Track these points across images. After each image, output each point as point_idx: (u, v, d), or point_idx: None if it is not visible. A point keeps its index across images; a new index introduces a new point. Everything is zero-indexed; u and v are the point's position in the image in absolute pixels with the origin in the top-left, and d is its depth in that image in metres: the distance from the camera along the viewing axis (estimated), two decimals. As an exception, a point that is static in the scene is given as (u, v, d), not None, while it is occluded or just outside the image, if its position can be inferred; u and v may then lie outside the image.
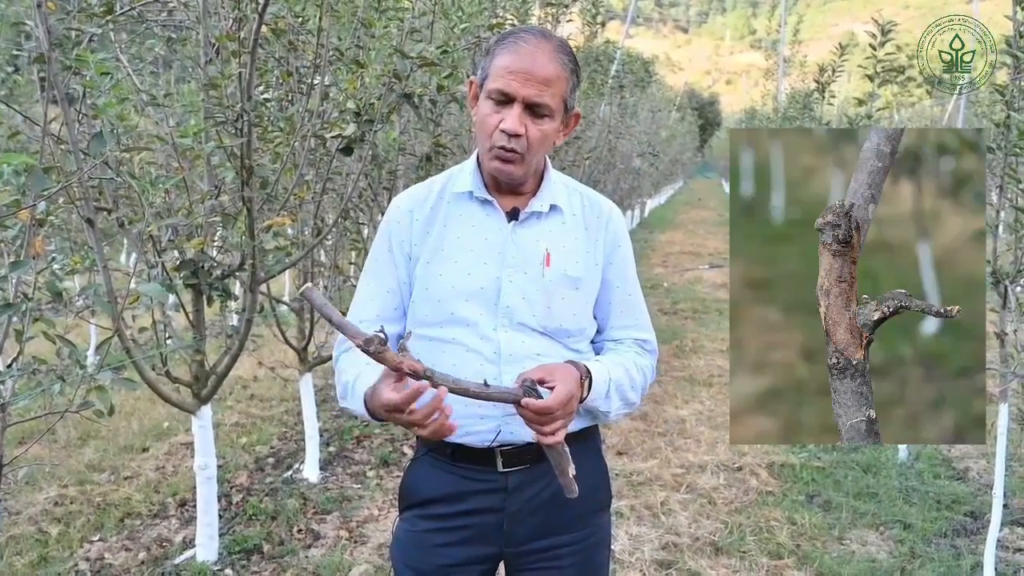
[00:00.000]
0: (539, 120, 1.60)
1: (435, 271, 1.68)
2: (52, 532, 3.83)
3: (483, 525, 1.70)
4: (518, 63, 1.57)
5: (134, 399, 5.80)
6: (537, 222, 1.71)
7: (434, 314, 1.67)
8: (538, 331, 1.66)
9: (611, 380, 1.64)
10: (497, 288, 1.65)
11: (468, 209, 1.72)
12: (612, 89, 10.29)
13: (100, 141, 2.46)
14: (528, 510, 1.70)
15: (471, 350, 1.64)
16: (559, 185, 1.77)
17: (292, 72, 3.69)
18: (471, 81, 1.72)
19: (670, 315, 9.56)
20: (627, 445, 5.06)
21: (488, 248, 1.68)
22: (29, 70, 4.54)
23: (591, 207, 1.78)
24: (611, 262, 1.77)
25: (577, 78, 1.68)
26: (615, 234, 1.78)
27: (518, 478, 1.69)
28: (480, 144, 1.67)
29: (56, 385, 2.48)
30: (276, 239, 3.35)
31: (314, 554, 3.65)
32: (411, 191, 1.80)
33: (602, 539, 1.81)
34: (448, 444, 1.68)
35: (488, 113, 1.61)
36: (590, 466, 1.76)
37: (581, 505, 1.69)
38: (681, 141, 26.40)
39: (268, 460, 4.83)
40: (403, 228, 1.74)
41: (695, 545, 3.76)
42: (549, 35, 1.64)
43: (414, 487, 1.77)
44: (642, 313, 1.83)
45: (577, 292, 1.70)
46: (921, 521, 3.93)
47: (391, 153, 3.96)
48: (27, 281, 2.41)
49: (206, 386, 3.39)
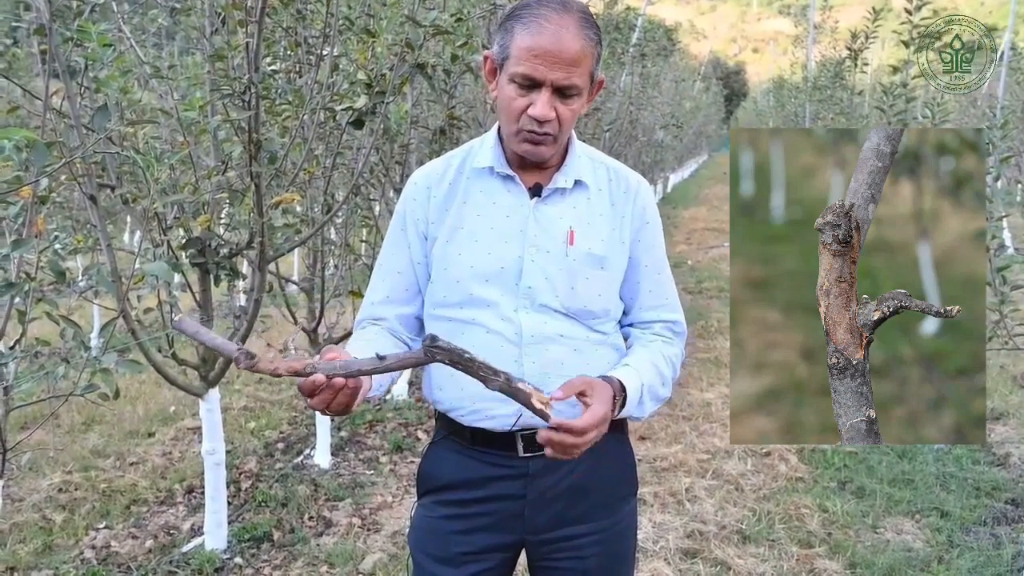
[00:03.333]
0: (568, 100, 1.53)
1: (454, 251, 1.62)
2: (56, 519, 3.78)
3: (503, 512, 1.64)
4: (543, 44, 1.47)
5: (139, 382, 5.74)
6: (561, 198, 1.64)
7: (453, 295, 1.62)
8: (561, 312, 1.59)
9: (643, 386, 1.57)
10: (519, 268, 1.59)
11: (489, 185, 1.65)
12: (633, 58, 10.06)
13: (103, 115, 2.40)
14: (550, 497, 1.64)
15: (492, 331, 1.59)
16: (584, 158, 1.69)
17: (301, 42, 3.61)
18: (487, 56, 1.62)
19: (695, 294, 9.39)
20: (650, 430, 4.95)
21: (509, 226, 1.61)
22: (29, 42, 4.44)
23: (618, 181, 1.69)
24: (638, 239, 1.68)
25: (601, 47, 1.58)
26: (643, 210, 1.69)
27: (539, 464, 1.61)
28: (505, 126, 1.59)
29: (60, 368, 2.45)
30: (285, 216, 3.30)
31: (326, 542, 3.57)
32: (428, 167, 1.73)
33: (627, 528, 1.75)
34: (467, 428, 1.64)
35: (513, 97, 1.53)
36: (617, 452, 1.72)
37: (606, 493, 1.68)
38: (706, 113, 26.09)
39: (278, 445, 4.76)
40: (419, 206, 1.68)
41: (721, 533, 3.64)
42: (569, 5, 1.51)
43: (432, 472, 1.73)
44: (671, 292, 1.74)
45: (602, 271, 1.62)
46: (959, 509, 3.80)
47: (403, 126, 3.87)
48: (29, 261, 2.39)
49: (213, 368, 3.34)
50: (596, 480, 1.66)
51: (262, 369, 1.29)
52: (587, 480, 1.65)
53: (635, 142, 12.04)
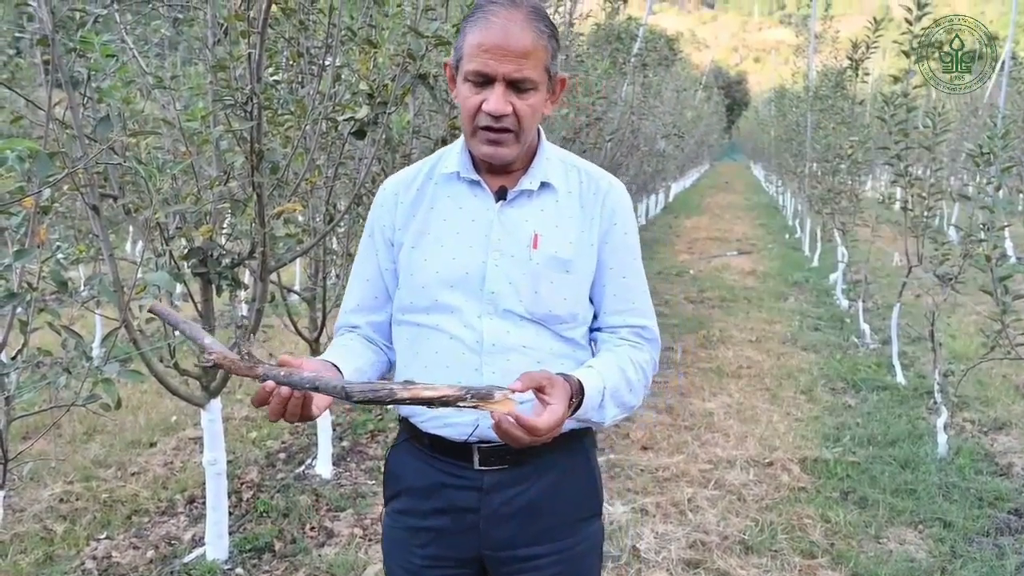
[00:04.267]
0: (524, 95, 1.51)
1: (420, 256, 1.62)
2: (58, 530, 3.76)
3: (459, 524, 1.63)
4: (491, 39, 1.48)
5: (141, 392, 5.72)
6: (527, 201, 1.62)
7: (419, 300, 1.61)
8: (526, 318, 1.57)
9: (605, 388, 1.52)
10: (482, 273, 1.58)
11: (456, 190, 1.64)
12: (635, 68, 10.08)
13: (106, 126, 2.40)
14: (505, 513, 1.61)
15: (454, 338, 1.57)
16: (554, 161, 1.67)
17: (303, 53, 3.61)
18: (446, 64, 1.63)
19: (696, 303, 9.38)
20: (652, 439, 4.93)
21: (474, 231, 1.60)
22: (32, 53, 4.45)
23: (589, 183, 1.67)
24: (606, 241, 1.65)
25: (556, 42, 1.57)
26: (612, 211, 1.66)
27: (494, 478, 1.60)
28: (465, 128, 1.58)
29: (62, 378, 2.44)
30: (287, 226, 3.29)
31: (327, 552, 3.56)
32: (400, 173, 1.74)
33: (590, 549, 1.71)
34: (425, 434, 1.62)
35: (468, 96, 1.52)
36: (580, 472, 1.69)
37: (568, 512, 1.65)
38: (707, 122, 26.07)
39: (279, 455, 4.74)
40: (386, 212, 1.69)
41: (724, 544, 3.63)
42: (519, 1, 1.52)
43: (395, 473, 1.73)
44: (640, 297, 1.70)
45: (568, 275, 1.60)
46: (962, 519, 3.79)
47: (405, 136, 3.86)
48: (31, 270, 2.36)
49: (215, 379, 3.32)
50: (556, 499, 1.63)
51: (221, 364, 1.31)
52: (546, 499, 1.62)
53: (637, 152, 12.04)
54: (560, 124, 6.19)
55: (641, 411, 5.37)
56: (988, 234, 3.55)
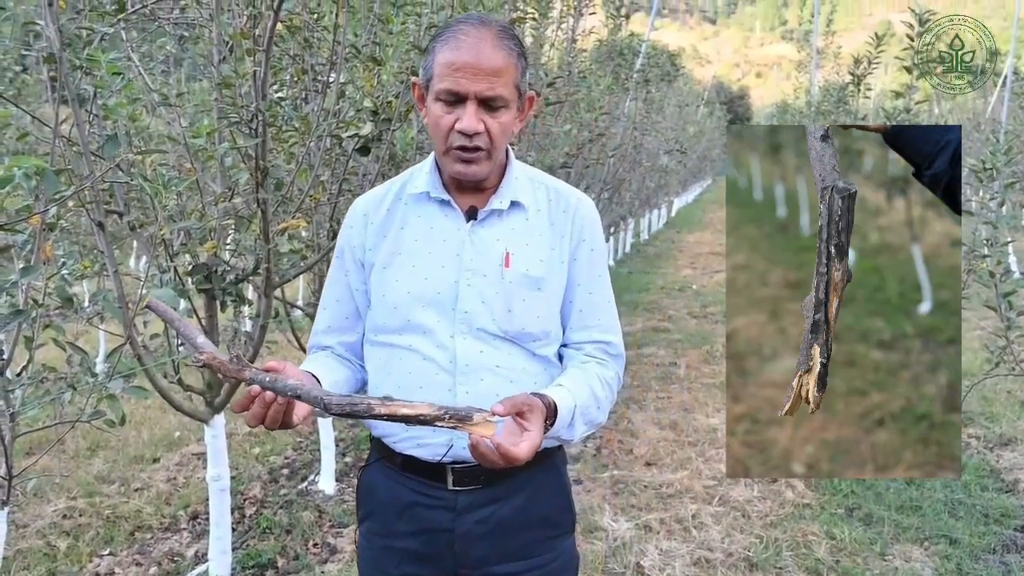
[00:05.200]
0: (495, 113, 1.53)
1: (391, 276, 1.62)
2: (61, 546, 3.76)
3: (433, 544, 1.63)
4: (462, 58, 1.49)
5: (144, 408, 5.72)
6: (498, 220, 1.63)
7: (391, 321, 1.61)
8: (499, 336, 1.58)
9: (576, 408, 1.53)
10: (455, 293, 1.58)
11: (426, 210, 1.65)
12: (637, 84, 10.13)
13: (113, 144, 2.41)
14: (479, 533, 1.62)
15: (427, 358, 1.58)
16: (523, 180, 1.68)
17: (307, 70, 3.61)
18: (414, 83, 1.63)
19: (700, 319, 9.35)
20: (656, 455, 4.92)
21: (446, 251, 1.61)
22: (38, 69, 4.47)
23: (558, 201, 1.68)
24: (575, 258, 1.66)
25: (525, 60, 1.59)
26: (580, 227, 1.67)
27: (468, 499, 1.61)
28: (437, 147, 1.59)
29: (66, 394, 2.43)
30: (291, 242, 3.29)
31: (330, 569, 3.55)
32: (370, 193, 1.74)
33: (566, 564, 1.72)
34: (398, 454, 1.63)
35: (440, 115, 1.53)
36: (552, 489, 1.70)
37: (541, 530, 1.66)
38: (709, 137, 26.06)
39: (282, 471, 4.73)
40: (356, 233, 1.69)
41: (728, 561, 3.61)
42: (488, 21, 1.55)
43: (368, 493, 1.74)
44: (605, 313, 1.71)
45: (539, 293, 1.61)
46: (968, 536, 3.77)
47: (409, 153, 3.87)
48: (36, 287, 2.36)
49: (219, 394, 3.32)
50: (530, 517, 1.64)
51: (210, 364, 1.33)
52: (521, 516, 1.63)
53: (639, 167, 12.07)
54: (563, 140, 6.20)
55: (645, 427, 5.36)
56: (992, 249, 3.55)
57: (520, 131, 1.85)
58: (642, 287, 11.50)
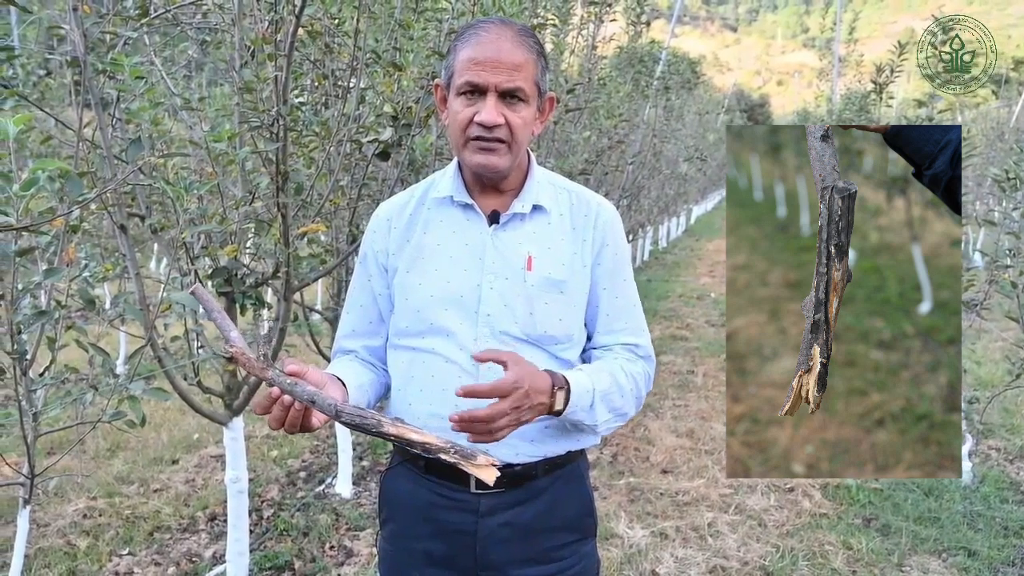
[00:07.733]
0: (516, 107, 1.54)
1: (414, 280, 1.63)
2: (81, 545, 3.79)
3: (455, 547, 1.63)
4: (483, 53, 1.51)
5: (164, 410, 5.76)
6: (520, 224, 1.64)
7: (414, 324, 1.62)
8: (522, 339, 1.59)
9: (595, 390, 1.53)
10: (477, 296, 1.59)
11: (449, 214, 1.66)
12: (657, 91, 10.12)
13: (136, 147, 2.43)
14: (502, 536, 1.62)
15: (450, 361, 1.58)
16: (545, 184, 1.70)
17: (328, 75, 3.63)
18: (436, 85, 1.65)
19: (718, 327, 9.33)
20: (672, 463, 4.90)
21: (468, 254, 1.62)
22: (62, 73, 4.52)
23: (579, 205, 1.70)
24: (599, 263, 1.68)
25: (545, 60, 1.61)
26: (603, 232, 1.68)
27: (491, 502, 1.61)
28: (455, 142, 1.60)
29: (88, 394, 2.45)
30: (310, 246, 3.31)
31: (347, 572, 3.56)
32: (393, 199, 1.76)
33: (586, 569, 1.72)
34: (422, 456, 1.59)
35: (459, 109, 1.54)
36: (574, 494, 1.70)
37: (562, 535, 1.67)
38: (730, 145, 26.01)
39: (300, 474, 4.75)
40: (379, 238, 1.70)
41: (744, 569, 3.59)
42: (508, 21, 1.57)
43: (390, 496, 1.73)
44: (633, 317, 1.72)
45: (562, 296, 1.61)
46: (987, 548, 3.73)
47: (428, 158, 3.88)
48: (59, 288, 2.38)
49: (238, 397, 3.32)
50: (552, 520, 1.64)
51: (237, 358, 1.34)
52: (543, 520, 1.63)
53: (659, 174, 12.05)
54: (583, 147, 6.20)
55: (661, 434, 5.34)
56: (1014, 260, 3.52)
57: (539, 136, 1.86)
58: (661, 295, 11.47)
